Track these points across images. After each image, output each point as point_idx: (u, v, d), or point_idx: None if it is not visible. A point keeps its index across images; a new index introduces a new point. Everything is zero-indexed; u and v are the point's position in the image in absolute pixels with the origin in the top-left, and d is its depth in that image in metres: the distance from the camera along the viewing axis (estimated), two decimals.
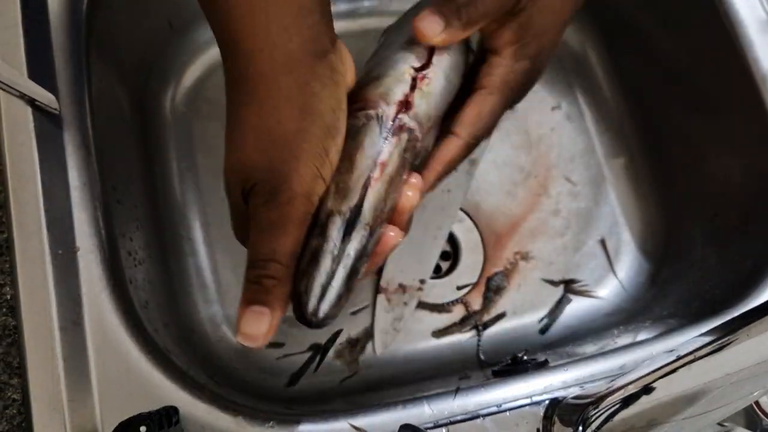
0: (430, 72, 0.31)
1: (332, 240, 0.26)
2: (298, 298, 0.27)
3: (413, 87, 0.30)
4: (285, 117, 0.26)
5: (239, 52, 0.26)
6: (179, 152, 0.50)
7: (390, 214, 0.29)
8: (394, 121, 0.29)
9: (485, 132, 0.32)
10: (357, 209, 0.27)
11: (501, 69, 0.31)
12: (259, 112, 0.26)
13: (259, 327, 0.26)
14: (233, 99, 0.27)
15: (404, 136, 0.29)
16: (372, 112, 0.29)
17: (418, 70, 0.31)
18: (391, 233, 0.29)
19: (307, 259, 0.27)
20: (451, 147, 0.31)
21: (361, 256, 0.27)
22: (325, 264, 0.26)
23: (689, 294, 0.46)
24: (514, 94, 0.32)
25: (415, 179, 0.29)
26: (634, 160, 0.54)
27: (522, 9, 0.30)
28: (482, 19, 0.30)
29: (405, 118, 0.29)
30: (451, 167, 0.32)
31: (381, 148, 0.28)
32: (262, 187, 0.26)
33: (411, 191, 0.29)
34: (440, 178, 0.32)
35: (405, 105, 0.30)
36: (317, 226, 0.27)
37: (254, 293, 0.26)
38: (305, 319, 0.26)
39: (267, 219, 0.26)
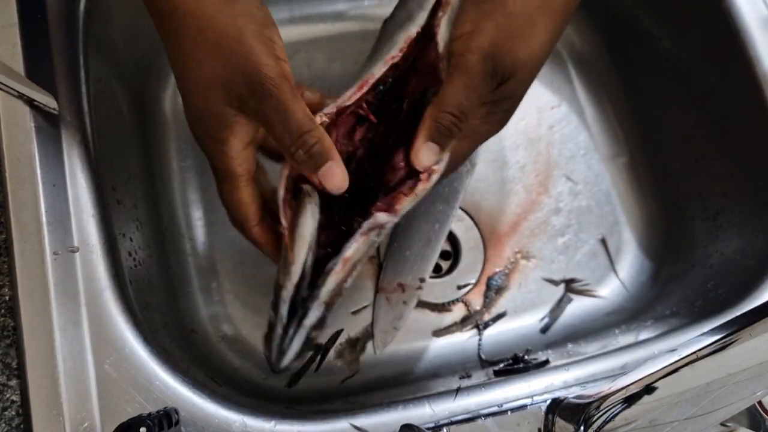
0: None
1: (282, 318, 0.32)
2: (265, 355, 0.33)
3: None
4: (222, 25, 0.29)
5: None
6: (179, 151, 0.49)
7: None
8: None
9: (451, 171, 0.34)
10: (312, 290, 0.32)
11: (475, 122, 0.33)
12: (199, 30, 0.29)
13: (341, 176, 0.31)
14: (169, 32, 0.31)
15: (373, 235, 0.32)
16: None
17: None
18: None
19: (267, 328, 0.33)
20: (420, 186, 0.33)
21: (321, 321, 0.33)
22: (278, 333, 0.32)
23: (691, 293, 0.46)
24: (484, 138, 0.34)
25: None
26: (634, 158, 0.53)
27: (501, 84, 0.32)
28: (471, 116, 0.32)
29: (380, 217, 0.32)
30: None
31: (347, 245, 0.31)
32: (247, 87, 0.29)
33: None
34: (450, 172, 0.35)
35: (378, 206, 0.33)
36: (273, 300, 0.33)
37: (313, 162, 0.30)
38: (272, 371, 0.34)
39: (273, 108, 0.29)
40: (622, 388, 0.26)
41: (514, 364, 0.43)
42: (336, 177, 0.31)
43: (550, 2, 0.31)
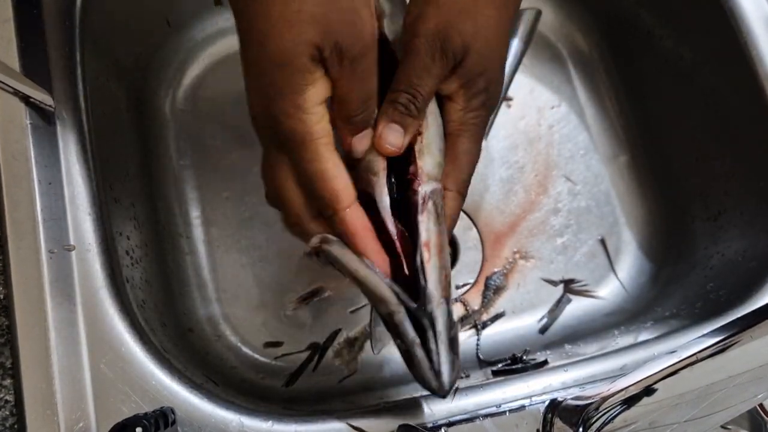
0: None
1: (413, 340, 0.29)
2: (425, 386, 0.30)
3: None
4: None
5: None
6: (177, 150, 0.49)
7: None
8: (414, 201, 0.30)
9: (471, 171, 0.34)
10: (420, 294, 0.29)
11: (459, 113, 0.32)
12: None
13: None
14: None
15: (430, 205, 0.31)
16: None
17: None
18: None
19: (406, 359, 0.30)
20: (450, 202, 0.33)
21: (450, 317, 0.30)
22: (420, 356, 0.29)
23: (692, 294, 0.46)
24: (479, 128, 0.33)
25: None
26: (634, 158, 0.53)
27: (461, 62, 0.31)
28: (430, 98, 0.31)
29: (421, 189, 0.30)
30: (456, 219, 0.34)
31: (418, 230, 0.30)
32: (351, 41, 0.27)
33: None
34: (451, 231, 0.34)
35: (414, 176, 0.31)
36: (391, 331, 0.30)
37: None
38: (442, 396, 0.30)
39: (365, 70, 0.28)
40: (622, 390, 0.26)
41: (512, 364, 0.43)
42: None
43: None
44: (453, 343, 0.30)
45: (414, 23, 0.31)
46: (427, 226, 0.30)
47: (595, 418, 0.27)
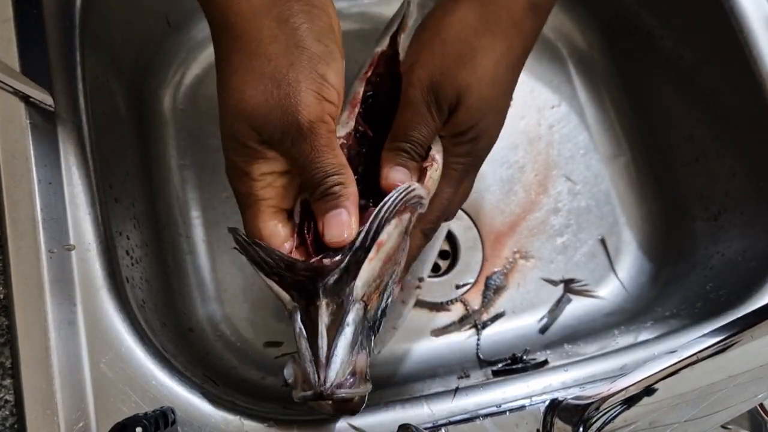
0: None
1: (297, 326, 0.27)
2: (306, 387, 0.27)
3: None
4: (273, 54, 0.27)
5: (218, 1, 0.28)
6: (177, 150, 0.49)
7: (397, 280, 0.30)
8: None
9: (441, 214, 0.34)
10: (345, 276, 0.27)
11: (446, 162, 0.33)
12: (249, 55, 0.28)
13: (341, 228, 0.29)
14: (221, 48, 0.29)
15: (406, 216, 0.30)
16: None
17: None
18: None
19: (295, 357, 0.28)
20: (412, 240, 0.33)
21: (366, 327, 0.28)
22: (303, 346, 0.27)
23: (692, 294, 0.46)
24: (459, 174, 0.33)
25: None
26: (635, 158, 0.53)
27: (452, 113, 0.31)
28: (430, 141, 0.32)
29: (417, 190, 0.30)
30: (415, 257, 0.34)
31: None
32: (281, 130, 0.28)
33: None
34: (408, 269, 0.35)
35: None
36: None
37: (328, 202, 0.29)
38: (320, 397, 0.26)
39: (303, 153, 0.28)
40: (622, 390, 0.26)
41: (512, 364, 0.43)
42: (337, 226, 0.28)
43: (491, 24, 0.31)
44: (360, 347, 0.27)
45: (410, 71, 0.31)
46: (390, 231, 0.29)
47: (595, 418, 0.27)
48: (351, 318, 0.27)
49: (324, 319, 0.27)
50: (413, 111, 0.31)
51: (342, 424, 0.33)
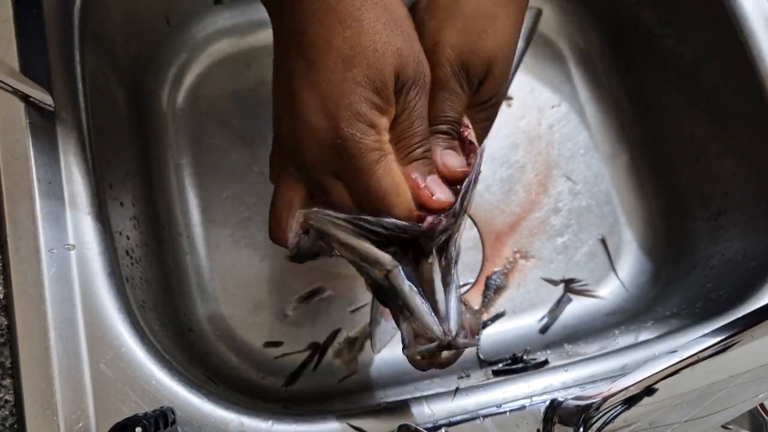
0: None
1: (404, 285, 0.28)
2: (426, 340, 0.28)
3: None
4: (401, 15, 0.29)
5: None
6: (177, 149, 0.49)
7: None
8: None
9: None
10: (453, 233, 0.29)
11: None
12: (383, 9, 0.28)
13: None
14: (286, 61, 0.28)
15: (478, 159, 0.31)
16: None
17: None
18: None
19: (401, 319, 0.29)
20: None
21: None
22: (418, 301, 0.28)
23: (692, 294, 0.46)
24: (481, 138, 0.34)
25: None
26: (635, 158, 0.53)
27: (480, 84, 0.32)
28: (463, 115, 0.32)
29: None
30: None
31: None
32: (414, 76, 0.29)
33: None
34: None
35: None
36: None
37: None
38: (448, 347, 0.28)
39: (422, 105, 0.30)
40: (622, 390, 0.26)
41: (512, 364, 0.43)
42: (442, 190, 0.30)
43: None
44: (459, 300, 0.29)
45: (433, 53, 0.31)
46: (476, 165, 0.30)
47: (595, 418, 0.27)
48: (455, 273, 0.29)
49: (438, 273, 0.28)
50: (447, 91, 0.31)
51: (342, 424, 0.33)
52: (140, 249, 0.41)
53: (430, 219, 0.28)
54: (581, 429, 0.27)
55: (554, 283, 0.50)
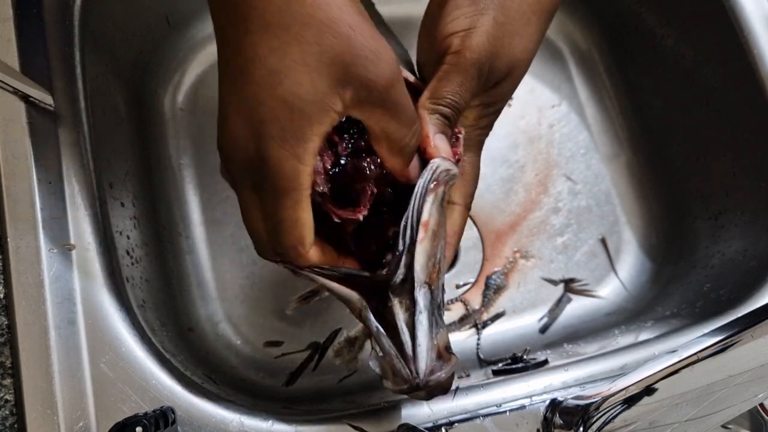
0: None
1: (372, 324, 0.27)
2: (399, 381, 0.27)
3: None
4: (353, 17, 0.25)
5: None
6: (177, 149, 0.49)
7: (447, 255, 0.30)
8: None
9: (476, 184, 0.34)
10: (405, 274, 0.27)
11: (468, 128, 0.32)
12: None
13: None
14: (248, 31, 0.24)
15: (441, 189, 0.29)
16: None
17: None
18: None
19: (375, 357, 0.28)
20: (456, 217, 0.32)
21: (439, 312, 0.28)
22: (386, 344, 0.27)
23: (692, 294, 0.46)
24: (482, 144, 0.34)
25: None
26: (635, 158, 0.53)
27: (496, 84, 0.31)
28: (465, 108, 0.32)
29: (434, 163, 0.29)
30: (461, 234, 0.33)
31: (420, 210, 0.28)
32: (370, 78, 0.25)
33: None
34: (456, 246, 0.33)
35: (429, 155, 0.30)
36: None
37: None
38: (416, 388, 0.26)
39: (403, 92, 0.27)
40: (622, 389, 0.26)
41: (512, 363, 0.43)
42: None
43: (542, 1, 0.31)
44: (436, 327, 0.28)
45: (466, 35, 0.30)
46: (429, 208, 0.28)
47: (595, 418, 0.27)
48: (422, 305, 0.27)
49: (400, 315, 0.27)
50: (463, 76, 0.30)
51: (342, 423, 0.33)
52: (140, 249, 0.41)
53: (384, 271, 0.28)
54: (581, 428, 0.27)
55: (554, 282, 0.50)
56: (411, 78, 0.33)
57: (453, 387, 0.35)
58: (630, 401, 0.26)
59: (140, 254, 0.41)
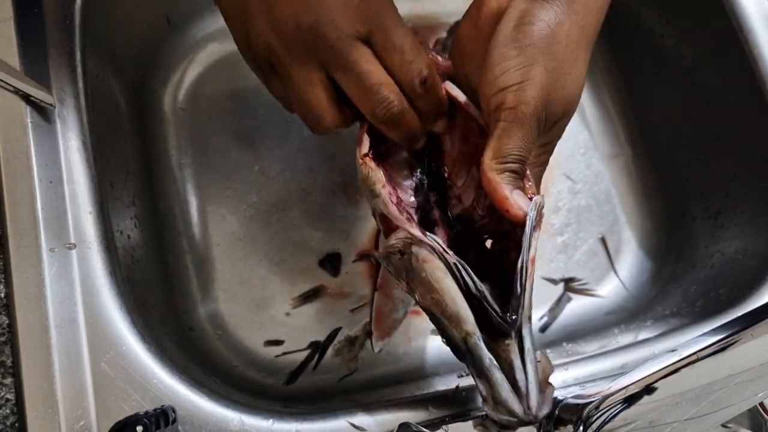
0: None
1: (485, 357, 0.27)
2: (505, 414, 0.27)
3: None
4: None
5: None
6: (178, 148, 0.49)
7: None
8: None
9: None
10: (513, 310, 0.28)
11: (528, 168, 0.32)
12: None
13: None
14: None
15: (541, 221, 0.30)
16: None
17: None
18: None
19: (483, 394, 0.28)
20: None
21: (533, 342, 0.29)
22: (498, 376, 0.27)
23: (692, 293, 0.46)
24: (539, 178, 0.34)
25: None
26: (635, 157, 0.53)
27: (553, 125, 0.31)
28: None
29: (536, 199, 0.30)
30: None
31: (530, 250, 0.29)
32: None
33: None
34: None
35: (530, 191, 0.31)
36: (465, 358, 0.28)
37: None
38: (523, 421, 0.27)
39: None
40: (622, 388, 0.26)
41: None
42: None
43: (587, 34, 0.31)
44: (539, 366, 0.28)
45: (522, 89, 0.30)
46: (535, 245, 0.29)
47: (595, 417, 0.27)
48: (529, 342, 0.28)
49: (517, 354, 0.28)
50: (525, 129, 0.30)
51: (343, 423, 0.33)
52: (141, 248, 0.41)
53: (508, 315, 0.28)
54: (581, 428, 0.27)
55: (554, 282, 0.50)
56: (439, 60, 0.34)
57: (453, 386, 0.35)
58: (630, 400, 0.26)
59: (141, 254, 0.41)
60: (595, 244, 0.51)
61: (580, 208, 0.52)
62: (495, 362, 0.27)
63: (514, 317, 0.28)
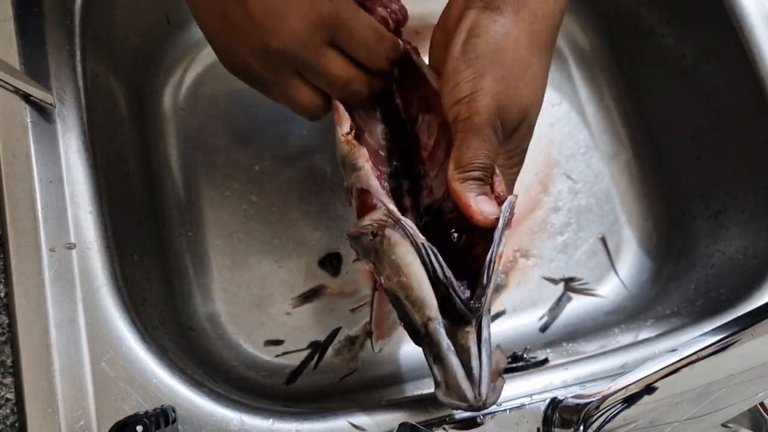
0: None
1: (443, 341, 0.28)
2: (457, 399, 0.28)
3: None
4: None
5: None
6: (178, 148, 0.49)
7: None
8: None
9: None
10: (475, 300, 0.29)
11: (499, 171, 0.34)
12: None
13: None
14: None
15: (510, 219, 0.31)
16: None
17: None
18: None
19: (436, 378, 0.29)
20: None
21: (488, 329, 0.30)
22: (454, 362, 0.28)
23: (692, 293, 0.46)
24: (513, 183, 0.36)
25: None
26: (635, 157, 0.53)
27: (513, 131, 0.33)
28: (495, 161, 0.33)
29: (510, 198, 0.31)
30: None
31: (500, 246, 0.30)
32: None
33: None
34: None
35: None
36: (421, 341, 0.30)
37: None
38: (478, 409, 0.28)
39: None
40: (622, 388, 0.26)
41: (513, 362, 0.43)
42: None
43: (537, 40, 0.32)
44: (490, 359, 0.29)
45: (471, 100, 0.31)
46: (506, 240, 0.30)
47: (595, 417, 0.27)
48: (487, 333, 0.29)
49: (475, 341, 0.29)
50: (481, 138, 0.31)
51: (343, 422, 0.33)
52: (141, 248, 0.41)
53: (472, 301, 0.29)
54: (581, 427, 0.27)
55: (554, 281, 0.50)
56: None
57: None
58: (630, 400, 0.26)
59: (141, 253, 0.41)
60: (595, 244, 0.51)
61: (580, 208, 0.52)
62: (453, 348, 0.28)
63: (477, 305, 0.29)
